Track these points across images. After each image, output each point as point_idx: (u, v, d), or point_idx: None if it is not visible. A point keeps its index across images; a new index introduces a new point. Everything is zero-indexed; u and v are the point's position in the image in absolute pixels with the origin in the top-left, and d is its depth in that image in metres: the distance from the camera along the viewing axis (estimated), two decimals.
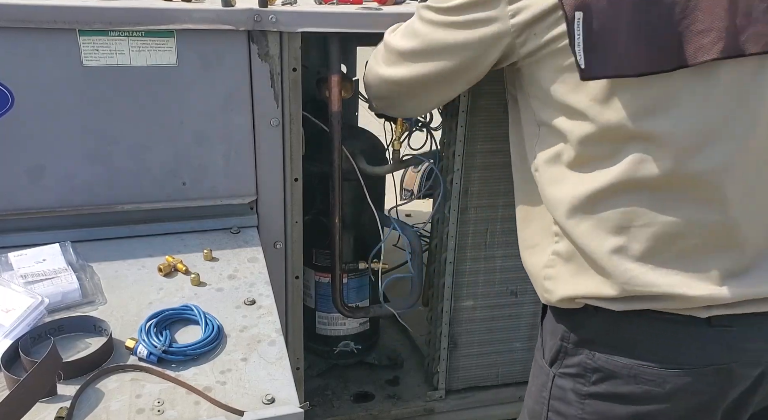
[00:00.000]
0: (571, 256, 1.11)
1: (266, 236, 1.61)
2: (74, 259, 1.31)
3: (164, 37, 1.37)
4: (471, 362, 2.00)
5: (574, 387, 1.13)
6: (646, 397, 1.06)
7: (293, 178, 1.60)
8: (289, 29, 1.44)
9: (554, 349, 1.16)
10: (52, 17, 1.29)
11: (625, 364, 1.07)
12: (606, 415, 1.10)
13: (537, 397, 1.22)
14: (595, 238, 1.05)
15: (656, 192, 1.00)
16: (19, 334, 1.08)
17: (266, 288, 1.30)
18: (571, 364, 1.13)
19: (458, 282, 1.88)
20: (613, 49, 0.94)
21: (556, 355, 1.16)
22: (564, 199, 1.08)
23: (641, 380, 1.06)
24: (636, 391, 1.07)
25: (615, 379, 1.08)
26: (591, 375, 1.11)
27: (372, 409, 2.02)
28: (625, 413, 1.09)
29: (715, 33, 0.90)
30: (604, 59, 0.95)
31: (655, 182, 0.99)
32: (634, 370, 1.06)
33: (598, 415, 1.11)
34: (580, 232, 1.06)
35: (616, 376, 1.08)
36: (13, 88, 1.33)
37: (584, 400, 1.12)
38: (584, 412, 1.12)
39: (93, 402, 0.99)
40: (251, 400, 1.00)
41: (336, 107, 1.65)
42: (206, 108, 1.46)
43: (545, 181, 1.13)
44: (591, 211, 1.05)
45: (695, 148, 0.96)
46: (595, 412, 1.11)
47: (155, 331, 1.11)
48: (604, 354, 1.08)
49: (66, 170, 1.43)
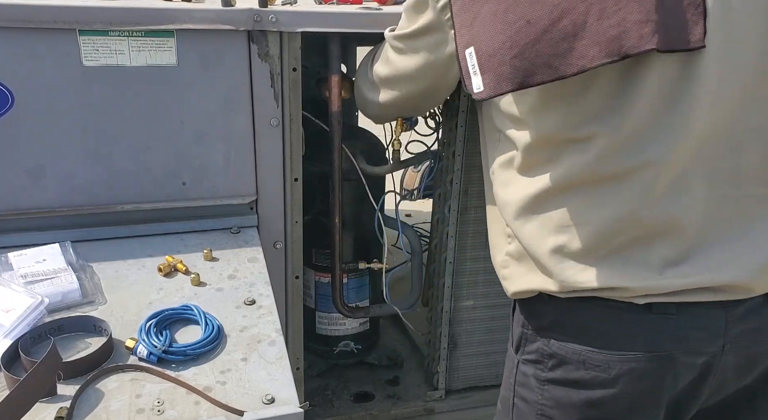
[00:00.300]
0: (520, 257, 1.15)
1: (266, 236, 1.61)
2: (74, 259, 1.31)
3: (164, 37, 1.37)
4: (471, 362, 2.00)
5: (534, 373, 1.16)
6: (595, 383, 1.08)
7: (293, 178, 1.60)
8: (289, 29, 1.44)
9: (517, 336, 1.20)
10: (52, 17, 1.29)
11: (574, 350, 1.09)
12: (562, 401, 1.13)
13: (506, 384, 1.26)
14: (538, 238, 1.09)
15: (592, 191, 1.02)
16: (19, 334, 1.08)
17: (266, 288, 1.30)
18: (531, 351, 1.16)
19: (458, 282, 1.88)
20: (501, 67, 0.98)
21: (519, 341, 1.19)
22: (511, 201, 1.12)
23: (589, 366, 1.08)
24: (585, 376, 1.09)
25: (567, 365, 1.10)
26: (548, 361, 1.13)
27: (372, 409, 2.02)
28: (579, 399, 1.10)
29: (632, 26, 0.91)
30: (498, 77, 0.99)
31: (590, 181, 1.01)
32: (582, 355, 1.08)
33: (555, 400, 1.14)
34: (526, 233, 1.11)
35: (567, 362, 1.10)
36: (13, 88, 1.33)
37: (543, 385, 1.14)
38: (543, 398, 1.15)
39: (93, 402, 0.99)
40: (251, 400, 1.00)
41: (336, 107, 1.65)
42: (206, 108, 1.46)
43: (498, 185, 1.18)
44: (535, 213, 1.09)
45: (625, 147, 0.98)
46: (553, 397, 1.14)
47: (155, 331, 1.11)
48: (558, 340, 1.11)
49: (66, 170, 1.43)
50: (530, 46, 0.94)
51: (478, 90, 1.01)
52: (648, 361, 1.05)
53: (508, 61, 0.96)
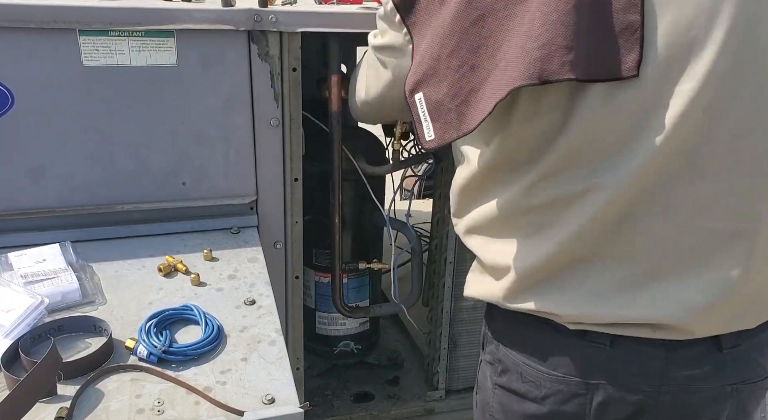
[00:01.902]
0: (477, 263, 1.15)
1: (266, 236, 1.61)
2: (74, 259, 1.31)
3: (164, 37, 1.37)
4: (471, 362, 2.00)
5: (490, 374, 1.16)
6: (529, 397, 1.07)
7: (293, 178, 1.60)
8: (289, 29, 1.44)
9: (482, 335, 1.21)
10: (52, 17, 1.29)
11: (514, 360, 1.09)
12: (507, 407, 1.12)
13: (475, 380, 1.26)
14: (483, 251, 1.09)
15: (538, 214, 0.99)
16: (19, 334, 1.08)
17: (266, 288, 1.30)
18: (488, 352, 1.17)
19: (458, 282, 1.88)
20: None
21: (483, 341, 1.20)
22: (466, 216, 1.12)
23: (525, 379, 1.07)
24: (521, 388, 1.08)
25: (510, 373, 1.10)
26: (497, 365, 1.13)
27: (372, 409, 2.02)
28: (518, 409, 1.10)
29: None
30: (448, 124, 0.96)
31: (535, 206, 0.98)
32: (519, 367, 1.08)
33: (502, 405, 1.13)
34: (473, 244, 1.12)
35: (509, 370, 1.10)
36: (13, 88, 1.33)
37: (495, 388, 1.14)
38: (494, 401, 1.15)
39: (93, 402, 0.98)
40: (251, 400, 1.00)
41: (336, 107, 1.65)
42: (206, 108, 1.46)
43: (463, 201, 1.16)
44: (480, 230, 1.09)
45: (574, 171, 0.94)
46: (500, 402, 1.14)
47: (155, 331, 1.11)
48: (505, 347, 1.11)
49: (66, 170, 1.43)
50: (474, 93, 0.92)
51: (429, 138, 0.98)
52: (576, 386, 1.02)
53: (455, 108, 0.94)
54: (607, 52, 0.86)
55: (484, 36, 0.91)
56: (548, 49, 0.84)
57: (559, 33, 0.84)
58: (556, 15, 0.84)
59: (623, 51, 0.86)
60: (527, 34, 0.86)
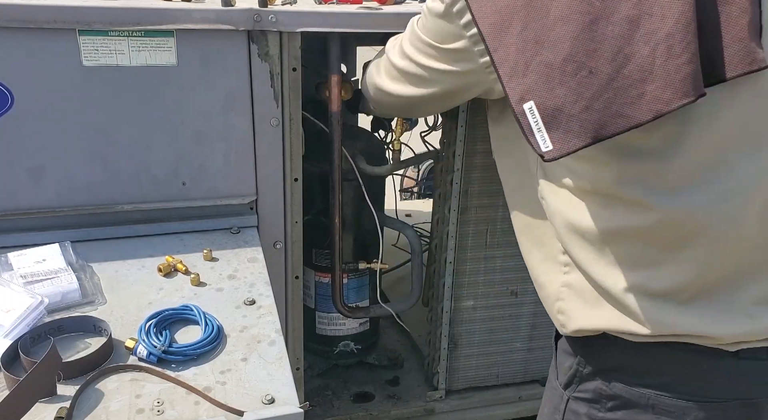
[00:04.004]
0: (583, 289, 1.05)
1: (266, 236, 1.61)
2: (74, 259, 1.31)
3: (164, 37, 1.37)
4: (471, 362, 2.00)
5: (588, 412, 1.09)
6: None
7: (293, 178, 1.60)
8: (288, 29, 1.44)
9: (570, 372, 1.12)
10: (52, 17, 1.29)
11: (643, 394, 1.02)
12: None
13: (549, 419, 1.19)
14: (614, 272, 1.00)
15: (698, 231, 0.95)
16: (19, 334, 1.08)
17: (266, 288, 1.30)
18: (587, 390, 1.09)
19: (458, 282, 1.88)
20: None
21: (572, 378, 1.12)
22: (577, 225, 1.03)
23: (659, 411, 1.02)
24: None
25: (633, 408, 1.04)
26: (607, 402, 1.07)
27: (372, 410, 2.02)
28: None
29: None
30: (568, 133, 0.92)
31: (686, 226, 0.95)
32: (652, 399, 1.02)
33: None
34: (598, 265, 1.02)
35: (633, 405, 1.04)
36: (13, 88, 1.33)
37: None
38: None
39: (93, 402, 0.98)
40: (251, 400, 1.00)
41: (336, 107, 1.65)
42: (206, 108, 1.46)
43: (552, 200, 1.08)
44: (608, 243, 1.00)
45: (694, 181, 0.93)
46: None
47: (155, 331, 1.11)
48: (622, 383, 1.04)
49: (66, 170, 1.43)
50: (597, 97, 0.88)
51: (546, 149, 0.92)
52: (729, 410, 0.99)
53: (577, 114, 0.89)
54: (739, 48, 0.85)
55: (599, 40, 0.88)
56: (695, 62, 0.83)
57: (697, 42, 0.83)
58: (692, 24, 0.83)
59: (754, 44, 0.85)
60: (666, 44, 0.84)
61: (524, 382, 2.08)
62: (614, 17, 0.87)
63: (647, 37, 0.85)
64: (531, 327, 1.97)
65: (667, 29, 0.84)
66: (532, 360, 2.04)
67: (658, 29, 0.84)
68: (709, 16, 0.85)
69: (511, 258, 1.85)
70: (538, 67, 0.92)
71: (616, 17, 0.87)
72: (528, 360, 2.04)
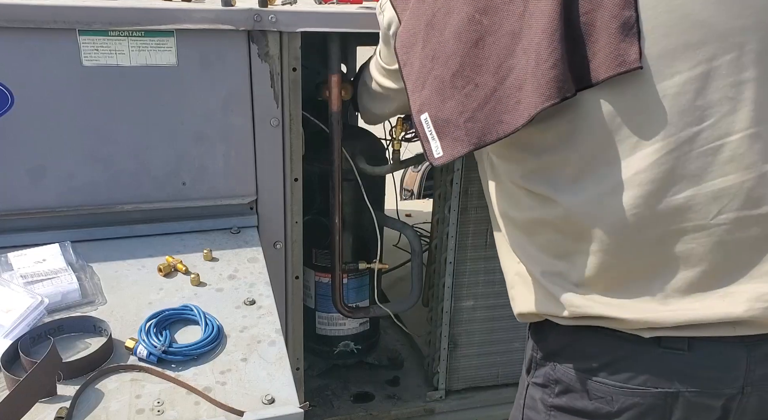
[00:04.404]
0: (526, 278, 1.13)
1: (266, 236, 1.61)
2: (74, 259, 1.31)
3: (164, 37, 1.37)
4: (471, 362, 2.00)
5: (542, 397, 1.13)
6: (598, 414, 1.04)
7: (293, 178, 1.60)
8: (289, 29, 1.44)
9: (528, 358, 1.18)
10: (52, 17, 1.29)
11: (579, 378, 1.06)
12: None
13: (516, 404, 1.23)
14: (538, 260, 1.08)
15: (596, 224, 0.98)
16: (19, 334, 1.08)
17: (266, 288, 1.30)
18: (539, 375, 1.14)
19: (458, 282, 1.88)
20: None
21: (530, 364, 1.17)
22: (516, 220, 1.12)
23: (593, 396, 1.04)
24: (589, 406, 1.05)
25: (572, 393, 1.07)
26: (554, 386, 1.10)
27: (372, 410, 2.02)
28: None
29: None
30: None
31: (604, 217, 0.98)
32: (586, 385, 1.05)
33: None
34: (526, 254, 1.11)
35: (572, 390, 1.07)
36: (13, 88, 1.33)
37: (550, 411, 1.12)
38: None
39: (93, 402, 0.98)
40: (251, 400, 1.00)
41: (336, 107, 1.65)
42: (206, 108, 1.46)
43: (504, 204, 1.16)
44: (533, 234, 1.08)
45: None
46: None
47: (155, 331, 1.11)
48: (564, 366, 1.08)
49: (66, 170, 1.43)
50: (481, 108, 0.96)
51: (438, 155, 1.03)
52: (653, 397, 0.99)
53: (462, 124, 0.98)
54: (611, 52, 0.90)
55: (485, 56, 0.96)
56: (560, 67, 0.89)
57: (566, 49, 0.90)
58: (557, 32, 0.89)
59: (625, 46, 0.89)
60: (535, 52, 0.91)
61: None
62: (499, 32, 0.95)
63: (526, 48, 0.92)
64: None
65: (537, 39, 0.91)
66: None
67: (533, 40, 0.91)
68: (579, 23, 0.91)
69: None
70: (433, 81, 1.02)
71: (500, 32, 0.95)
72: None
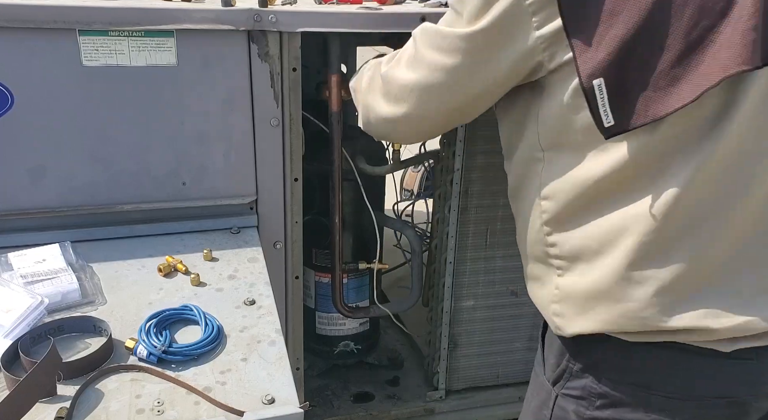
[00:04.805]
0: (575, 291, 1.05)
1: (266, 236, 1.61)
2: (74, 259, 1.31)
3: (164, 37, 1.37)
4: (471, 362, 2.00)
5: (576, 409, 1.09)
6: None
7: (293, 178, 1.60)
8: (288, 29, 1.44)
9: (557, 368, 1.12)
10: (52, 17, 1.29)
11: (632, 392, 1.02)
12: None
13: (537, 415, 1.18)
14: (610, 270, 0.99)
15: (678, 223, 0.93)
16: (19, 334, 1.08)
17: (266, 288, 1.30)
18: (575, 386, 1.09)
19: (458, 282, 1.88)
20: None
21: (560, 375, 1.11)
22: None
23: (650, 409, 1.02)
24: (644, 418, 1.02)
25: (622, 407, 1.04)
26: (595, 399, 1.06)
27: (372, 409, 2.02)
28: None
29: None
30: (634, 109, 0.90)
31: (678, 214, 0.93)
32: (644, 399, 1.02)
33: None
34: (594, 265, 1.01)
35: (623, 404, 1.04)
36: (13, 88, 1.33)
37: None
38: None
39: (93, 402, 0.98)
40: (251, 400, 1.00)
41: (336, 107, 1.65)
42: (206, 108, 1.46)
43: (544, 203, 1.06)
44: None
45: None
46: None
47: (155, 331, 1.11)
48: (612, 381, 1.04)
49: (66, 170, 1.43)
50: (664, 75, 0.87)
51: (609, 124, 0.91)
52: (721, 408, 0.99)
53: (642, 93, 0.88)
54: None
55: (675, 16, 0.85)
56: (758, 31, 0.81)
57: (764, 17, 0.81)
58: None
59: None
60: (737, 15, 0.82)
61: (524, 382, 2.05)
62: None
63: (724, 12, 0.83)
64: (531, 327, 1.97)
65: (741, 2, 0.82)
66: (532, 360, 2.03)
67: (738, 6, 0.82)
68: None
69: (511, 258, 1.85)
70: (609, 43, 0.89)
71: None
72: (528, 360, 2.04)
